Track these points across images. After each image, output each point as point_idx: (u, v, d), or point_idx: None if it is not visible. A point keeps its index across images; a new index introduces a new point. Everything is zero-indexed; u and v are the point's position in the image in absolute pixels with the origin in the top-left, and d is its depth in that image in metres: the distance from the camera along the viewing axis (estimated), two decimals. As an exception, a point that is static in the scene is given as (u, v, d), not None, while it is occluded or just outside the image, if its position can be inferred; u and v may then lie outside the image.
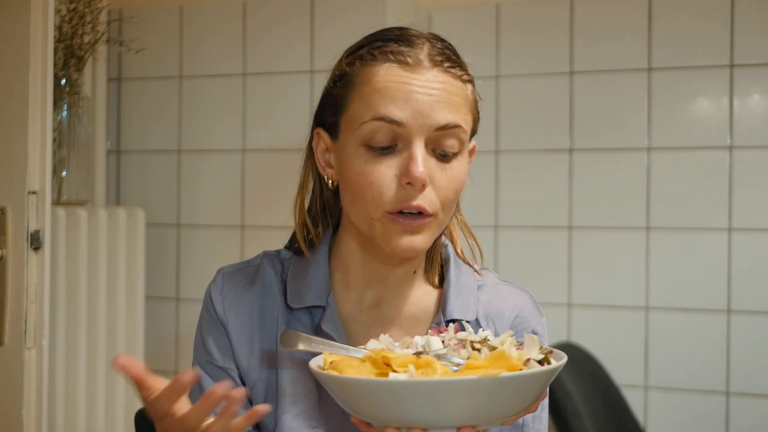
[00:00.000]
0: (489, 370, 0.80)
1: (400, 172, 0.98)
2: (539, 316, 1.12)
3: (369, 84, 1.00)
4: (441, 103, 0.99)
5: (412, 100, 0.98)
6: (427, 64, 1.00)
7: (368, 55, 1.02)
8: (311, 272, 1.09)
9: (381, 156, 0.99)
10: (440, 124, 0.98)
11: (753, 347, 2.01)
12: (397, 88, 0.98)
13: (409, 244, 0.99)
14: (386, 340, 0.94)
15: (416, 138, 0.98)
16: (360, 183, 0.99)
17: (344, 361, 0.87)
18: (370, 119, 0.98)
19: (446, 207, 1.01)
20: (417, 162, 0.97)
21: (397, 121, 0.97)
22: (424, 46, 1.01)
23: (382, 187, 0.98)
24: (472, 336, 0.93)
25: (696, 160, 2.05)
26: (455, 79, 1.01)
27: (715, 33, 2.03)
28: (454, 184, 1.01)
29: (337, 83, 1.04)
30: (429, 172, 0.98)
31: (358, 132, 1.00)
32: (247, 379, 1.08)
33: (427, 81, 0.99)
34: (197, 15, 2.24)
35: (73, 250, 1.93)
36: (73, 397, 1.93)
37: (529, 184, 2.16)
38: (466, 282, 1.10)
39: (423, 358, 0.84)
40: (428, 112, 0.98)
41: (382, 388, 0.81)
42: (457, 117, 1.00)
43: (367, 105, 0.99)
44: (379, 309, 1.09)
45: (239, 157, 2.20)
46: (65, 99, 2.02)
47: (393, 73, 0.99)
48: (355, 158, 1.00)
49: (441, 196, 1.00)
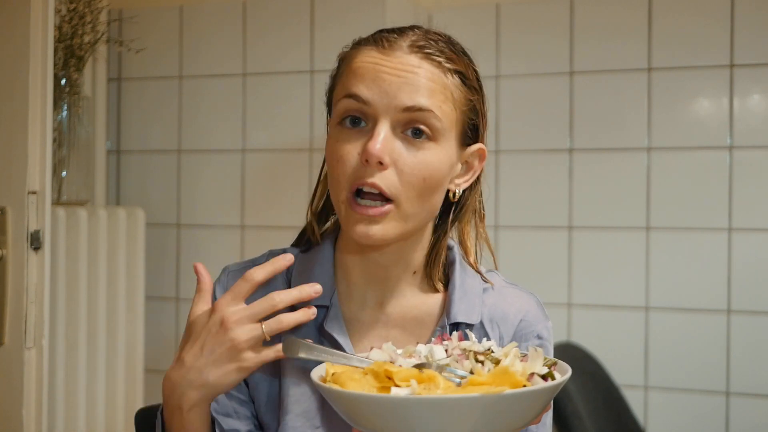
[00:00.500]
0: (492, 388, 0.80)
1: (362, 150, 0.99)
2: (545, 319, 1.12)
3: (348, 65, 1.03)
4: (410, 86, 0.99)
5: (380, 80, 0.99)
6: (405, 49, 1.01)
7: (357, 41, 1.06)
8: (316, 271, 1.09)
9: (350, 134, 1.00)
10: (406, 105, 0.98)
11: (753, 347, 2.01)
12: (367, 68, 1.00)
13: (364, 233, 0.99)
14: (389, 348, 0.94)
15: (381, 117, 0.99)
16: (331, 161, 1.02)
17: (346, 373, 0.87)
18: (342, 97, 1.01)
19: (411, 194, 0.99)
20: (375, 139, 0.97)
21: (363, 99, 0.99)
22: (413, 35, 1.03)
23: (346, 166, 0.99)
24: (476, 346, 0.92)
25: (696, 160, 2.05)
26: (434, 65, 1.01)
27: (715, 33, 2.03)
28: (422, 170, 0.99)
29: (332, 74, 1.08)
30: (391, 152, 0.98)
31: (334, 111, 1.03)
32: (249, 379, 1.08)
33: (399, 63, 1.00)
34: (197, 15, 2.24)
35: (73, 250, 1.93)
36: (73, 397, 1.93)
37: (529, 184, 2.16)
38: (471, 285, 1.09)
39: (425, 373, 0.83)
40: (395, 93, 0.98)
41: (384, 404, 0.81)
42: (428, 101, 0.99)
43: (342, 84, 1.03)
44: (382, 310, 1.09)
45: (239, 157, 2.20)
46: (65, 99, 2.02)
47: (368, 55, 1.02)
48: (331, 137, 1.03)
49: (404, 180, 0.99)
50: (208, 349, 0.95)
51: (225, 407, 1.08)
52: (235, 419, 1.08)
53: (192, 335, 0.97)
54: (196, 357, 0.96)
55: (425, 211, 1.03)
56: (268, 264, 0.98)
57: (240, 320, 0.95)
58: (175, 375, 0.97)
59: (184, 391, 0.96)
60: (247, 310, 0.95)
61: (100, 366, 2.00)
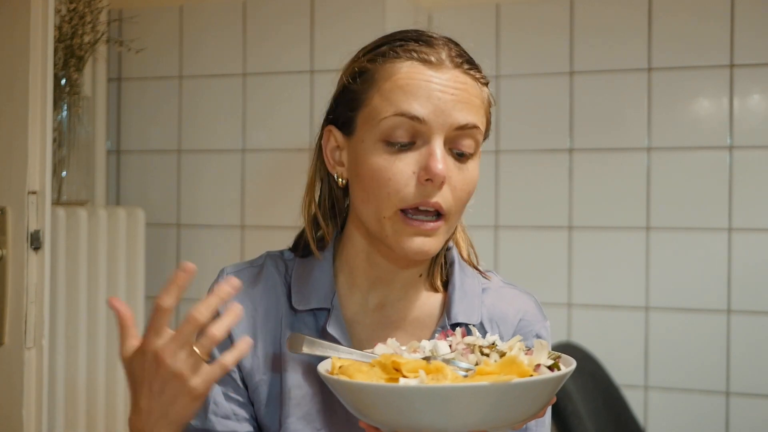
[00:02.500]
0: (501, 376, 0.80)
1: (419, 168, 0.98)
2: (543, 319, 1.12)
3: (390, 80, 1.00)
4: (461, 103, 0.99)
5: (434, 98, 0.98)
6: (448, 64, 1.00)
7: (390, 52, 1.02)
8: (315, 274, 1.08)
9: (399, 152, 0.99)
10: (460, 123, 0.99)
11: (753, 347, 2.01)
12: (419, 85, 0.99)
13: (420, 247, 0.99)
14: (393, 344, 0.94)
15: (436, 135, 0.98)
16: (377, 179, 0.99)
17: (354, 366, 0.87)
18: (392, 115, 0.98)
19: (460, 208, 1.01)
20: (437, 158, 0.97)
21: (418, 117, 0.97)
22: (444, 48, 1.02)
23: (399, 183, 0.97)
24: (481, 341, 0.92)
25: (696, 160, 2.05)
26: (474, 81, 1.02)
27: (715, 33, 2.03)
28: (469, 185, 1.01)
29: (357, 79, 1.03)
30: (448, 171, 0.98)
31: (377, 128, 0.99)
32: (249, 381, 1.08)
33: (448, 80, 0.99)
34: (197, 15, 2.24)
35: (73, 250, 1.93)
36: (73, 397, 1.93)
37: (529, 184, 2.16)
38: (470, 285, 1.10)
39: (433, 364, 0.84)
40: (449, 111, 0.98)
41: (393, 394, 0.81)
42: (476, 118, 1.01)
43: (389, 100, 0.99)
44: (384, 311, 1.08)
45: (239, 157, 2.20)
46: (65, 99, 2.02)
47: (416, 71, 1.00)
48: (372, 154, 1.00)
49: (456, 196, 1.00)
50: (156, 389, 0.91)
51: (224, 409, 1.08)
52: (234, 421, 1.07)
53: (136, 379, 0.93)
54: (149, 400, 0.92)
55: (459, 220, 1.05)
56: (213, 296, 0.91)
57: (172, 352, 0.90)
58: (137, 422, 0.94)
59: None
60: (176, 339, 0.90)
61: (100, 366, 2.00)
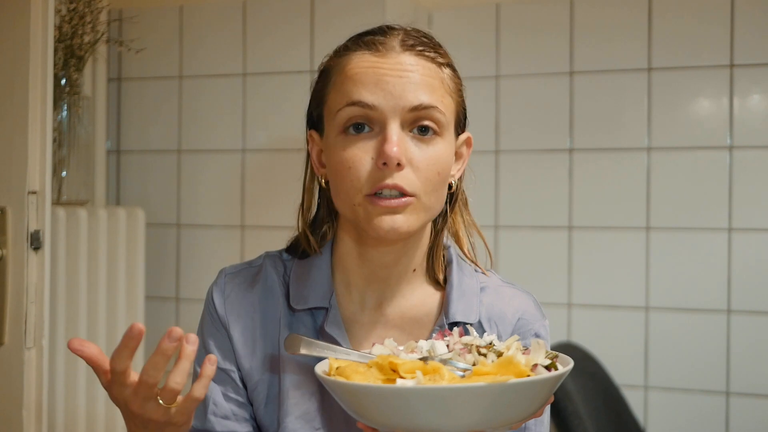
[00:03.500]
0: (498, 377, 0.80)
1: (376, 154, 0.98)
2: (542, 318, 1.12)
3: (342, 73, 1.03)
4: (413, 84, 1.00)
5: (383, 83, 0.99)
6: (398, 49, 1.01)
7: (343, 47, 1.05)
8: (313, 274, 1.09)
9: (357, 141, 1.00)
10: (413, 104, 0.99)
11: (753, 347, 2.01)
12: (366, 72, 1.00)
13: (390, 224, 0.99)
14: (391, 344, 0.94)
15: (390, 119, 0.99)
16: (340, 170, 1.00)
17: (351, 366, 0.87)
18: (344, 105, 1.00)
19: (429, 188, 1.01)
20: (390, 141, 0.97)
21: (368, 104, 0.99)
22: (399, 35, 1.03)
23: (359, 171, 0.99)
24: (478, 340, 0.92)
25: (696, 160, 2.05)
26: (428, 61, 1.02)
27: (715, 33, 2.03)
28: (435, 164, 1.01)
29: (319, 79, 1.08)
30: (406, 153, 0.99)
31: (335, 120, 1.02)
32: (248, 381, 1.08)
33: (397, 63, 1.00)
34: (197, 15, 2.24)
35: (73, 250, 1.93)
36: (73, 397, 1.93)
37: (529, 184, 2.16)
38: (468, 284, 1.10)
39: (430, 364, 0.84)
40: (400, 94, 0.99)
41: (390, 395, 0.81)
42: (432, 98, 1.00)
43: (342, 93, 1.01)
44: (381, 310, 1.09)
45: (239, 157, 2.20)
46: (65, 99, 2.02)
47: (364, 59, 1.01)
48: (335, 147, 1.02)
49: (421, 177, 1.00)
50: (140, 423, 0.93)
51: (223, 409, 1.08)
52: (234, 421, 1.08)
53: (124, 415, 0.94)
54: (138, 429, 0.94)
55: (438, 204, 1.05)
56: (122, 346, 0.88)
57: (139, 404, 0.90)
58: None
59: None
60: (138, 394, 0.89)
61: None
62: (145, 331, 0.87)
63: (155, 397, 0.90)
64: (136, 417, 0.92)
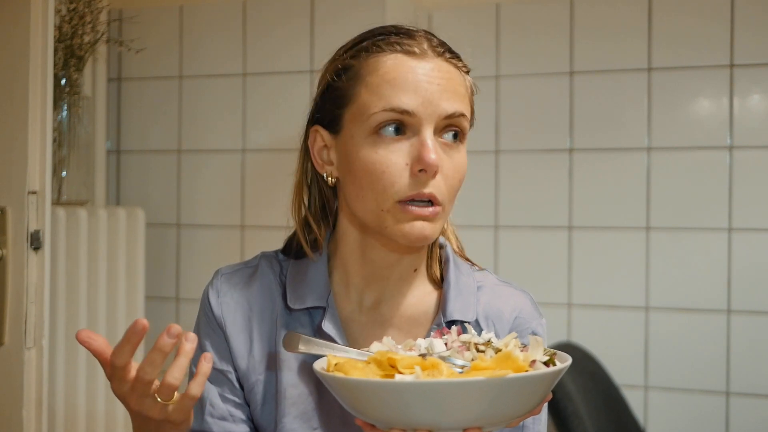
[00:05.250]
0: (496, 372, 0.80)
1: (412, 160, 0.98)
2: (539, 317, 1.12)
3: (376, 74, 1.00)
4: (447, 92, 1.00)
5: (421, 89, 0.99)
6: (431, 53, 1.01)
7: (373, 47, 1.02)
8: (310, 273, 1.08)
9: (391, 145, 0.99)
10: (448, 112, 1.00)
11: (753, 347, 2.01)
12: (406, 77, 0.99)
13: (421, 231, 0.99)
14: (389, 342, 0.94)
15: (426, 126, 0.99)
16: (371, 172, 0.99)
17: (349, 363, 0.87)
18: (381, 110, 0.99)
19: (452, 196, 1.02)
20: (429, 148, 0.97)
21: (408, 110, 0.98)
22: (424, 39, 1.03)
23: (394, 176, 0.98)
24: (476, 338, 0.92)
25: (696, 160, 2.05)
26: (456, 69, 1.03)
27: (715, 33, 2.03)
28: (460, 172, 1.02)
29: (342, 76, 1.03)
30: (441, 160, 0.99)
31: (367, 122, 1.00)
32: (245, 382, 1.08)
33: (432, 70, 1.00)
34: (197, 15, 2.24)
35: (73, 250, 1.93)
36: (73, 397, 1.93)
37: (529, 184, 2.16)
38: (465, 283, 1.10)
39: (429, 360, 0.84)
40: (437, 101, 0.99)
41: (389, 390, 0.81)
42: (462, 106, 1.01)
43: (377, 95, 0.99)
44: (379, 309, 1.09)
45: (239, 157, 2.20)
46: (65, 99, 2.02)
47: (400, 62, 1.00)
48: (363, 149, 1.00)
49: (448, 184, 1.00)
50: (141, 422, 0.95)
51: (220, 410, 1.08)
52: (231, 422, 1.08)
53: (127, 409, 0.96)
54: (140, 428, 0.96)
55: (452, 208, 1.06)
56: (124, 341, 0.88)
57: (137, 400, 0.91)
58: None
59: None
60: (136, 391, 0.90)
61: (100, 366, 1.99)
62: (148, 327, 0.88)
63: (152, 395, 0.90)
64: (135, 413, 0.93)
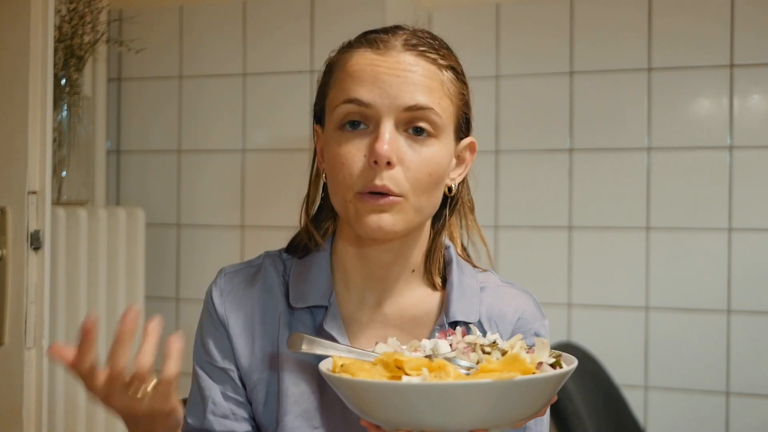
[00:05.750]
0: (504, 373, 0.80)
1: (368, 152, 0.99)
2: (542, 318, 1.12)
3: (343, 69, 1.03)
4: (410, 85, 1.00)
5: (380, 81, 0.99)
6: (399, 48, 1.02)
7: (347, 44, 1.06)
8: (313, 272, 1.09)
9: (352, 138, 1.00)
10: (408, 104, 0.99)
11: (753, 347, 2.01)
12: (365, 70, 1.00)
13: (376, 223, 0.99)
14: (394, 343, 0.94)
15: (384, 118, 0.99)
16: (335, 165, 1.01)
17: (356, 364, 0.87)
18: (342, 102, 1.01)
19: (418, 189, 1.00)
20: (382, 140, 0.97)
21: (364, 102, 0.99)
22: (404, 34, 1.03)
23: (352, 168, 0.99)
24: (482, 339, 0.92)
25: (696, 160, 2.05)
26: (429, 62, 1.02)
27: (715, 33, 2.03)
28: (427, 166, 1.00)
29: (323, 74, 1.08)
30: (397, 152, 0.99)
31: (333, 116, 1.02)
32: (247, 380, 1.08)
33: (396, 63, 1.00)
34: (197, 15, 2.24)
35: (73, 250, 1.93)
36: (73, 397, 1.93)
37: (529, 184, 2.16)
38: (468, 284, 1.10)
39: (436, 362, 0.83)
40: (396, 93, 0.99)
41: (397, 392, 0.80)
42: (429, 99, 1.00)
43: (340, 89, 1.02)
44: (381, 309, 1.09)
45: (239, 157, 2.20)
46: (65, 99, 2.02)
47: (363, 57, 1.02)
48: (331, 143, 1.03)
49: (411, 177, 0.99)
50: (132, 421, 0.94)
51: (222, 409, 1.08)
52: (233, 420, 1.08)
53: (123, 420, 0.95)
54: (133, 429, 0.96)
55: (430, 206, 1.04)
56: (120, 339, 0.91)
57: (119, 397, 0.90)
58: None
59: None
60: (113, 386, 0.90)
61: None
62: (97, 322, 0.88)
63: (130, 386, 0.90)
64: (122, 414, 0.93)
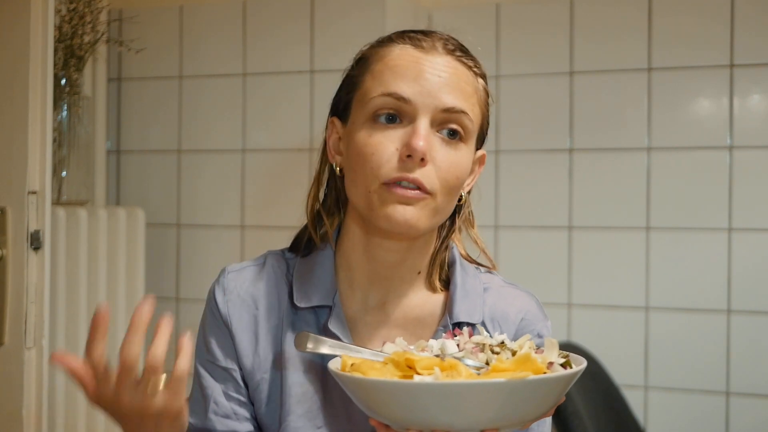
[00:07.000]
0: (516, 373, 0.80)
1: (402, 145, 0.99)
2: (544, 319, 1.12)
3: (382, 62, 1.03)
4: (449, 87, 1.00)
5: (422, 79, 1.00)
6: (440, 50, 1.03)
7: (386, 39, 1.06)
8: (317, 271, 1.09)
9: (384, 129, 1.00)
10: (446, 105, 1.00)
11: (753, 347, 2.01)
12: (407, 66, 1.01)
13: (402, 215, 0.98)
14: (402, 343, 0.94)
15: (421, 115, 0.99)
16: (362, 155, 1.00)
17: (366, 363, 0.87)
18: (379, 95, 1.00)
19: (446, 190, 1.01)
20: (419, 135, 0.98)
21: (404, 97, 0.99)
22: (440, 38, 1.05)
23: (382, 159, 0.99)
24: (490, 339, 0.92)
25: (696, 160, 2.05)
26: (466, 68, 1.04)
27: (715, 33, 2.03)
28: (456, 168, 1.01)
29: (355, 66, 1.08)
30: (431, 149, 0.99)
31: (366, 107, 1.02)
32: (250, 380, 1.08)
33: (438, 63, 1.01)
34: (197, 15, 2.24)
35: (73, 250, 1.93)
36: (73, 397, 1.93)
37: (529, 184, 2.16)
38: (472, 284, 1.10)
39: (447, 361, 0.84)
40: (436, 93, 1.00)
41: (409, 391, 0.80)
42: (465, 104, 1.01)
43: (379, 81, 1.02)
44: (384, 310, 1.09)
45: (239, 157, 2.20)
46: (65, 99, 2.02)
47: (406, 53, 1.02)
48: (360, 133, 1.01)
49: (441, 177, 1.00)
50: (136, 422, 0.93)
51: (224, 408, 1.08)
52: (235, 420, 1.08)
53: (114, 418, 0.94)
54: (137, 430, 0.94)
55: (449, 209, 1.05)
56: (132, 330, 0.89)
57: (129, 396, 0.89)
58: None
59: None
60: (123, 383, 0.89)
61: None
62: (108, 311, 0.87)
63: (141, 382, 0.89)
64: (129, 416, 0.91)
